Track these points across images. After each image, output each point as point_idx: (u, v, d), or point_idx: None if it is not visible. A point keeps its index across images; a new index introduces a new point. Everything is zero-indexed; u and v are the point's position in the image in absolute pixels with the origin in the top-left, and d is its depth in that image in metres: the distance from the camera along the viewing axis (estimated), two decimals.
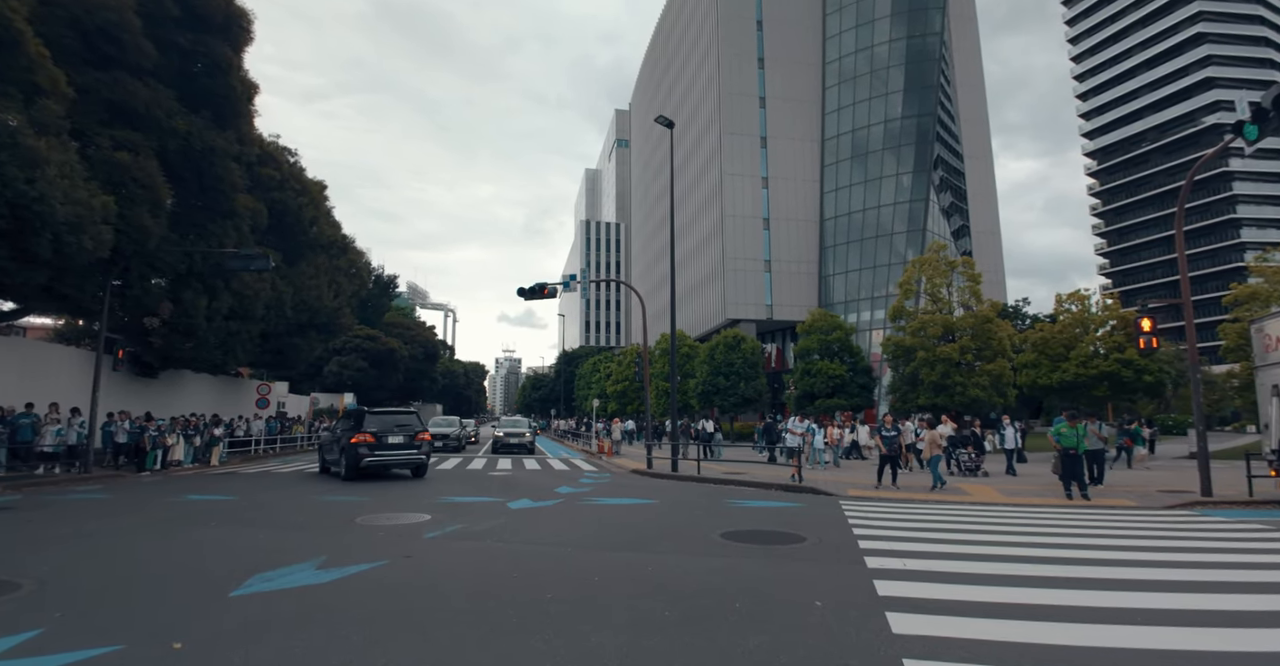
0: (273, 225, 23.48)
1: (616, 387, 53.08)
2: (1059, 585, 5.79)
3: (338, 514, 9.78)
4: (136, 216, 15.88)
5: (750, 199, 53.44)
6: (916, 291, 32.43)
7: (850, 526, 8.90)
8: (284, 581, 5.67)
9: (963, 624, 4.63)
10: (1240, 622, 4.81)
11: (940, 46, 51.71)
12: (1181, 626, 4.69)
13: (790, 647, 4.15)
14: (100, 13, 15.65)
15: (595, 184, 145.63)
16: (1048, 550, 7.39)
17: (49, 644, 4.10)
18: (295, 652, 3.97)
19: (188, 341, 20.58)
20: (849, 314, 48.66)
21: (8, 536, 7.88)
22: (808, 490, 13.37)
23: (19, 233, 12.71)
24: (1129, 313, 29.21)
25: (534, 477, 16.39)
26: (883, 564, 6.53)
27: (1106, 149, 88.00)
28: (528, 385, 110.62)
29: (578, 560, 6.75)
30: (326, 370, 51.62)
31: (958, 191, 53.91)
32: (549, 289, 19.90)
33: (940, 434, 15.55)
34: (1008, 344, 30.26)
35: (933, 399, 29.32)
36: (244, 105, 20.71)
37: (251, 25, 20.20)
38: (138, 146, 16.46)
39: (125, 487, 13.78)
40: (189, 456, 19.20)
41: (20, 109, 12.69)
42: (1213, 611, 5.07)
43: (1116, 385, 28.47)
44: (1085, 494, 12.31)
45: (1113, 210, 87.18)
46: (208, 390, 27.01)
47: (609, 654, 4.00)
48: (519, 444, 28.08)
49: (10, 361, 17.19)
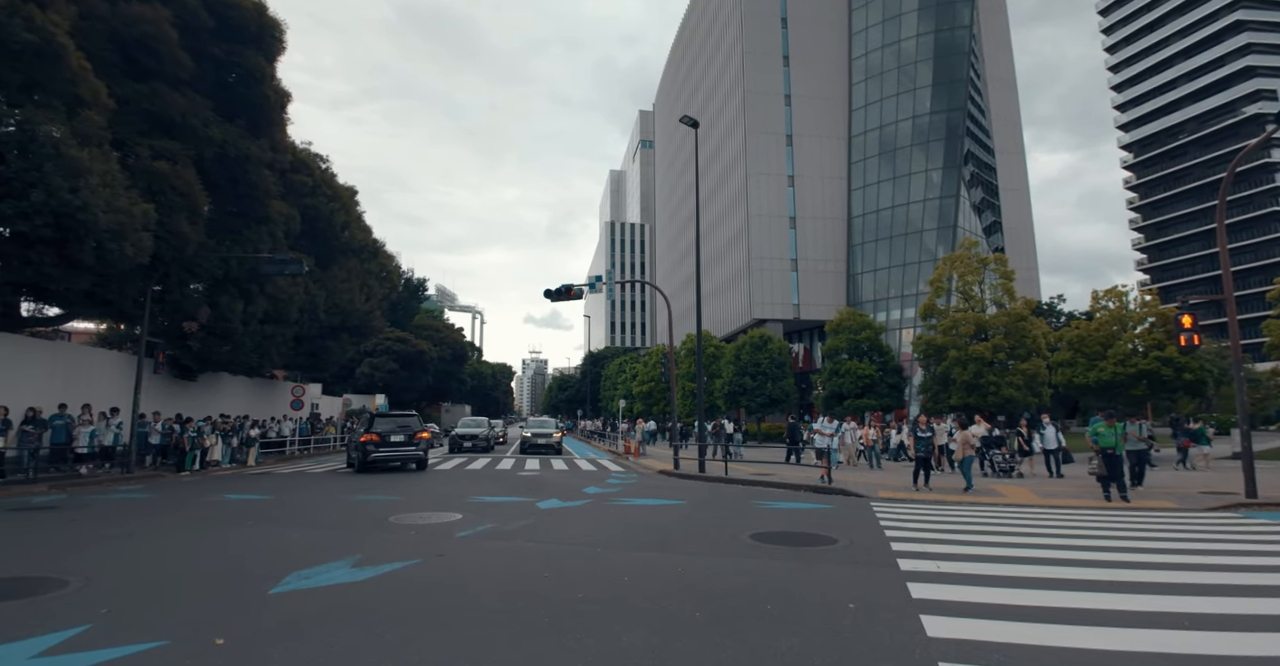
0: (305, 230, 23.95)
1: (642, 388, 53.08)
2: (1097, 588, 5.65)
3: (371, 513, 9.94)
4: (175, 223, 16.32)
5: (776, 198, 53.08)
6: (948, 289, 31.88)
7: (882, 528, 8.79)
8: (320, 579, 5.77)
9: (999, 627, 4.54)
10: None
11: (969, 40, 50.83)
12: (1223, 631, 4.55)
13: (823, 650, 4.11)
14: (138, 26, 16.12)
15: (619, 185, 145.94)
16: (1085, 553, 7.22)
17: (96, 639, 4.23)
18: (332, 649, 4.04)
19: (225, 344, 21.08)
20: (878, 313, 48.05)
21: (55, 535, 8.15)
22: (837, 491, 13.24)
23: (63, 240, 13.14)
24: (1168, 309, 28.35)
25: (562, 478, 16.48)
26: (916, 566, 6.44)
27: (1143, 141, 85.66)
28: (554, 386, 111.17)
29: (607, 560, 6.77)
30: (358, 372, 52.49)
31: (989, 187, 52.95)
32: (575, 290, 19.98)
33: (973, 434, 15.28)
34: (1042, 342, 29.59)
35: (965, 399, 28.80)
36: (277, 113, 21.17)
37: (283, 35, 20.63)
38: (176, 155, 16.92)
39: (166, 487, 14.16)
40: (226, 457, 19.66)
41: (63, 120, 13.12)
42: (1256, 616, 4.91)
43: (1156, 384, 27.64)
44: (1125, 495, 12.00)
45: (1150, 204, 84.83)
46: (244, 392, 27.63)
47: (640, 654, 4.00)
48: (546, 444, 28.24)
49: (56, 365, 17.76)
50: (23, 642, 4.12)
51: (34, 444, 14.57)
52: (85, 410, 16.43)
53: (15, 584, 5.58)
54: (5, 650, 4.00)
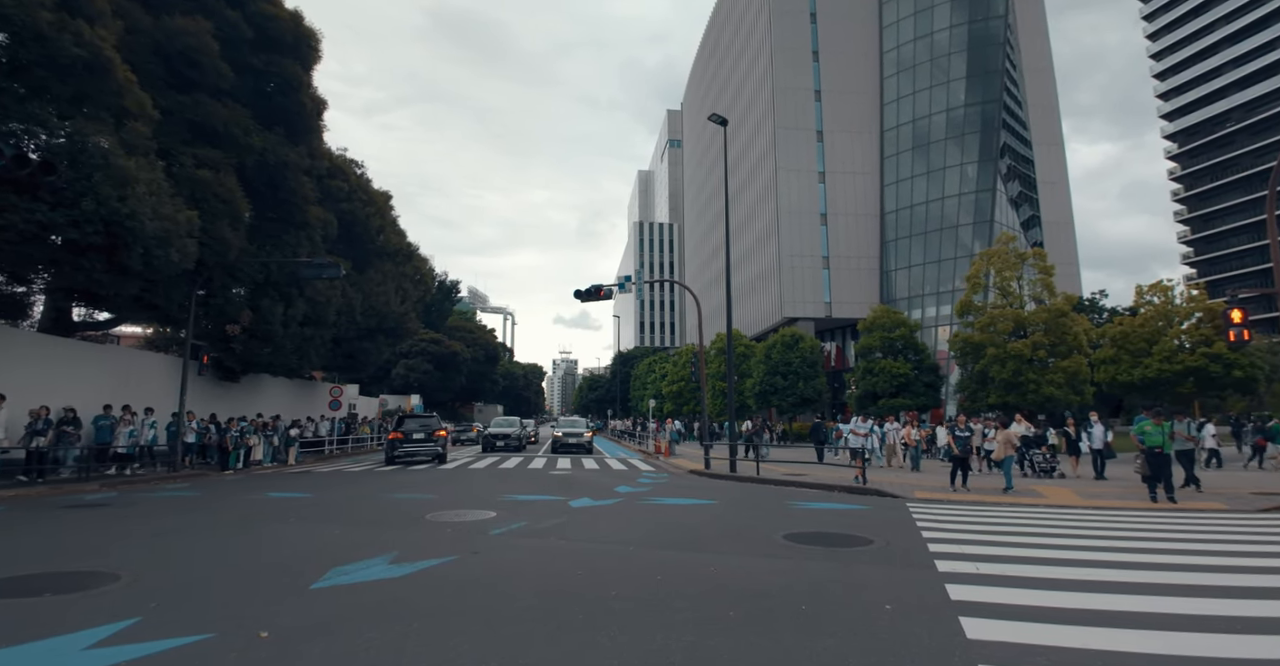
0: (342, 235, 24.46)
1: (672, 388, 53.05)
2: (1141, 591, 5.49)
3: (408, 510, 10.11)
4: (218, 230, 16.80)
5: (807, 194, 52.54)
6: (985, 285, 31.23)
7: (919, 529, 8.65)
8: (360, 575, 5.89)
9: (1040, 630, 4.44)
10: None
11: (1004, 30, 49.67)
12: (1269, 635, 4.38)
13: (859, 651, 4.06)
14: (181, 38, 16.63)
15: (648, 185, 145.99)
16: (1129, 555, 7.02)
17: (147, 631, 4.37)
18: (370, 643, 4.12)
19: (266, 346, 21.63)
20: (912, 310, 47.25)
21: (106, 531, 8.44)
22: (873, 492, 13.06)
23: (113, 247, 13.61)
24: (1216, 304, 27.40)
25: (593, 477, 16.55)
26: (954, 567, 6.32)
27: (1188, 131, 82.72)
28: (584, 386, 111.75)
29: (640, 559, 6.77)
30: (394, 373, 53.46)
31: (1026, 180, 51.67)
32: (604, 291, 20.05)
33: (1014, 434, 14.94)
34: (1084, 339, 28.82)
35: (1004, 397, 28.19)
36: (313, 121, 21.66)
37: (319, 44, 21.10)
38: (218, 163, 17.41)
39: (211, 485, 14.58)
40: (268, 456, 20.17)
41: (111, 131, 13.59)
42: None
43: (1203, 381, 26.71)
44: (1171, 496, 11.62)
45: (1196, 195, 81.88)
46: (284, 393, 28.30)
47: (673, 652, 4.00)
48: (577, 444, 28.41)
49: (107, 367, 18.43)
50: (77, 634, 4.28)
51: (73, 443, 14.92)
52: (126, 410, 16.77)
53: (69, 578, 5.80)
54: (60, 641, 4.16)
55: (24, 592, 5.31)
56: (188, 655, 3.94)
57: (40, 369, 15.97)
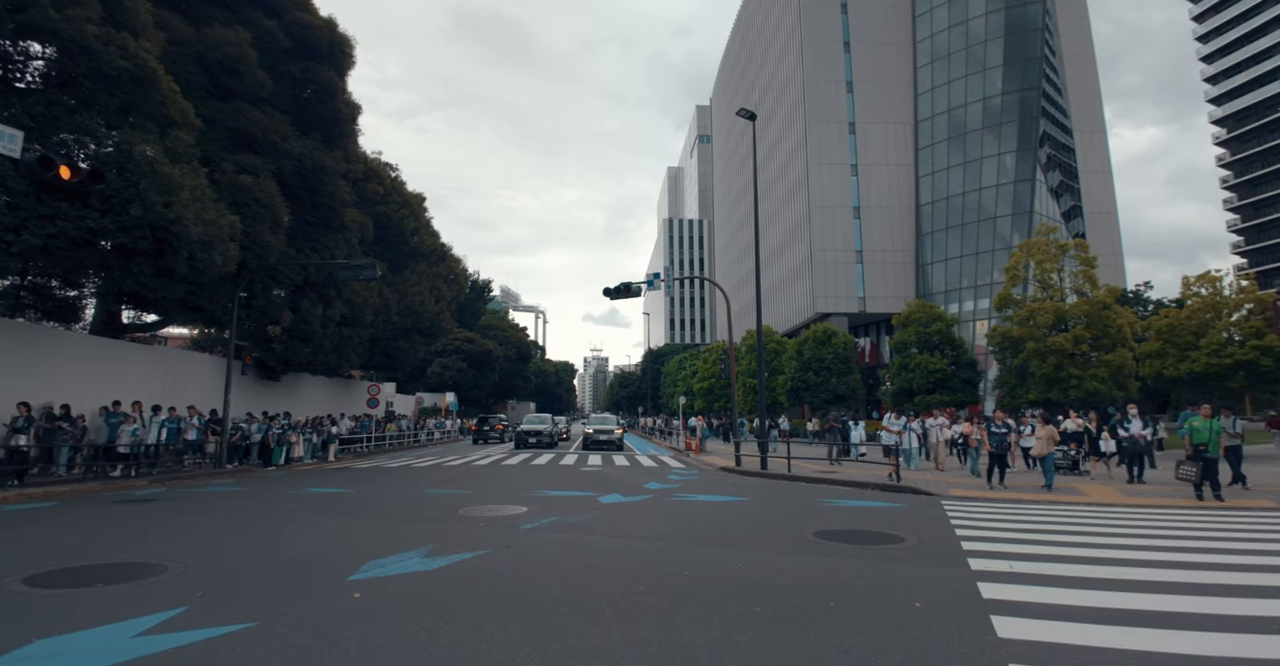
0: (378, 237, 24.96)
1: (703, 385, 52.89)
2: (1180, 591, 5.35)
3: (442, 505, 10.31)
4: (259, 233, 17.29)
5: (839, 187, 51.83)
6: (1024, 278, 30.46)
7: (953, 527, 8.53)
8: (395, 567, 6.05)
9: (1074, 629, 4.36)
10: None
11: (1043, 15, 48.30)
12: None
13: (888, 648, 4.05)
14: (221, 48, 17.14)
15: (677, 181, 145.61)
16: (1170, 554, 6.83)
17: (194, 620, 4.56)
18: (405, 632, 4.24)
19: (305, 346, 22.20)
20: (949, 304, 46.33)
21: (155, 525, 8.79)
22: (907, 490, 12.89)
23: (159, 252, 14.11)
24: (1267, 295, 26.31)
25: (623, 473, 16.64)
26: (987, 566, 6.24)
27: (1237, 115, 79.39)
28: (615, 383, 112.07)
29: (668, 554, 6.82)
30: (429, 371, 54.35)
31: (1067, 169, 50.20)
32: (634, 288, 20.11)
33: (1054, 431, 14.55)
34: (1128, 332, 27.92)
35: (1045, 393, 27.48)
36: (349, 126, 22.13)
37: (353, 50, 21.54)
38: (257, 169, 17.91)
39: (254, 481, 15.05)
40: (309, 452, 20.71)
41: (156, 140, 14.08)
42: None
43: (1254, 375, 25.63)
44: (1218, 494, 11.24)
45: (1246, 182, 78.57)
46: (324, 391, 29.01)
47: (700, 647, 4.04)
48: (608, 441, 28.59)
49: (155, 367, 19.12)
50: (127, 623, 4.49)
51: (66, 441, 14.38)
52: (135, 407, 16.01)
53: (120, 569, 6.07)
54: (111, 629, 4.37)
55: (77, 583, 5.57)
56: (232, 642, 4.11)
57: (93, 369, 16.66)
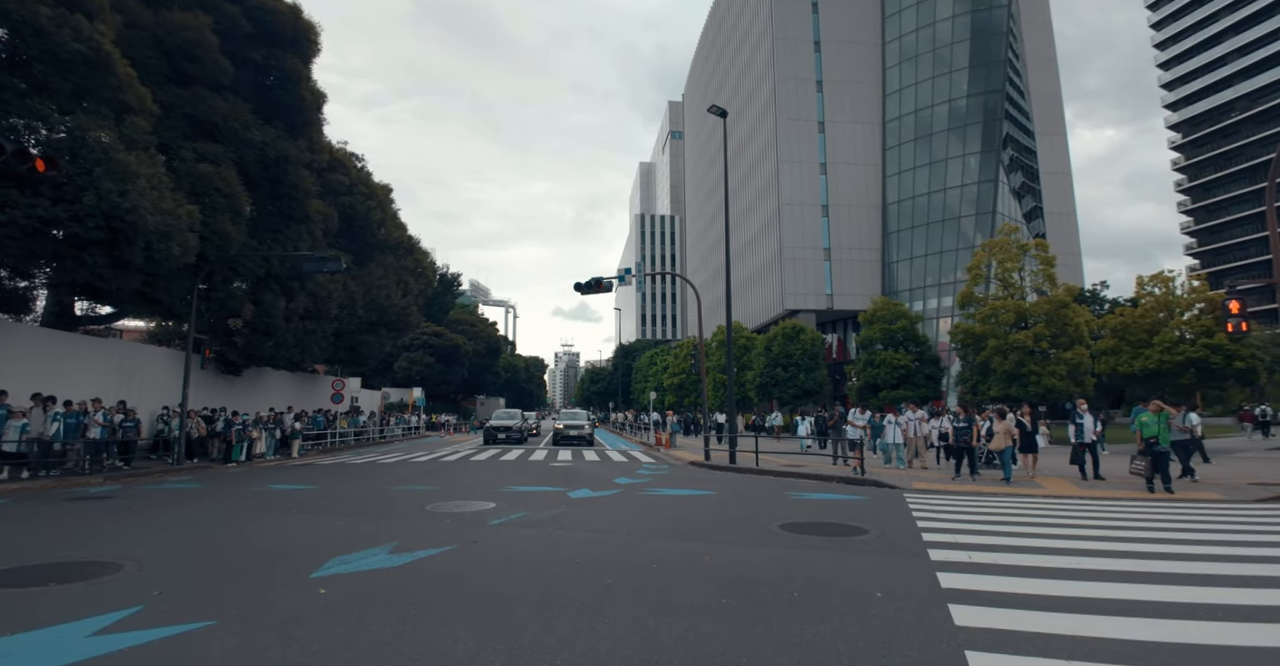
0: (343, 228, 24.49)
1: (673, 380, 53.07)
2: (1132, 579, 5.55)
3: (409, 502, 10.20)
4: (219, 224, 16.85)
5: (808, 186, 52.39)
6: (986, 277, 31.13)
7: (914, 519, 8.72)
8: (360, 564, 5.98)
9: (1029, 617, 4.51)
10: None
11: (1007, 19, 49.33)
12: (1260, 623, 4.44)
13: (849, 637, 4.14)
14: (181, 33, 16.63)
15: (649, 177, 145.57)
16: (1122, 544, 7.07)
17: (151, 619, 4.46)
18: (369, 629, 4.21)
19: (268, 340, 21.72)
20: (914, 302, 47.20)
21: (109, 523, 8.55)
22: (870, 483, 13.13)
23: (114, 241, 13.67)
24: (1218, 295, 27.28)
25: (593, 468, 16.64)
26: (946, 556, 6.40)
27: (1193, 120, 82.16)
28: (586, 379, 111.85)
29: (636, 548, 6.86)
30: (396, 366, 53.62)
31: (1029, 171, 51.45)
32: (605, 283, 20.09)
33: (1013, 425, 14.94)
34: (1085, 330, 28.73)
35: (1006, 389, 28.15)
36: (313, 114, 21.64)
37: (318, 38, 21.06)
38: (218, 157, 17.44)
39: (213, 478, 14.70)
40: (271, 449, 20.30)
41: (111, 126, 13.63)
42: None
43: (1204, 372, 26.65)
44: (1169, 487, 11.67)
45: (1200, 185, 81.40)
46: (287, 386, 28.42)
47: (666, 637, 4.08)
48: (578, 436, 28.58)
49: (110, 361, 18.53)
50: (80, 622, 4.37)
51: None
52: (35, 399, 14.22)
53: (72, 568, 5.89)
54: (64, 629, 4.25)
55: (29, 582, 5.41)
56: (190, 641, 4.03)
57: (44, 363, 16.08)
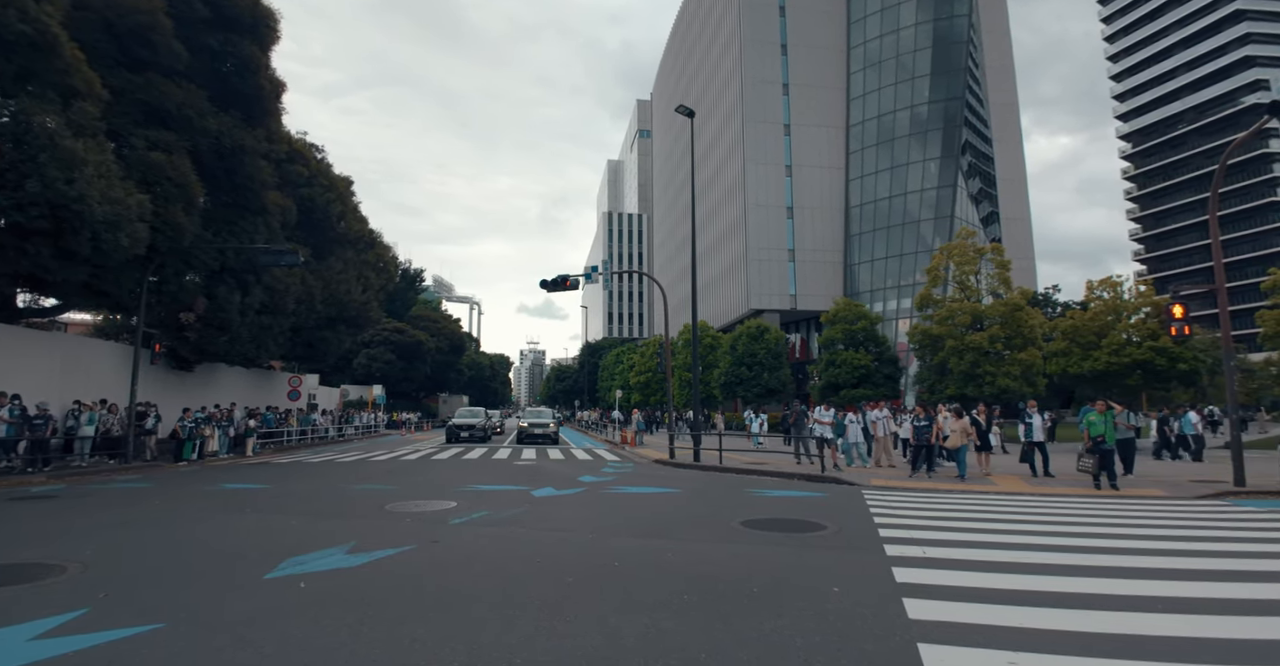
0: (302, 221, 23.90)
1: (640, 379, 53.20)
2: (1079, 573, 5.76)
3: (367, 501, 10.04)
4: (171, 214, 16.31)
5: (774, 188, 53.01)
6: (944, 279, 31.94)
7: (871, 515, 8.90)
8: (316, 564, 5.87)
9: (980, 610, 4.65)
10: (1263, 611, 4.76)
11: (968, 29, 50.62)
12: (1196, 614, 4.65)
13: (806, 631, 4.21)
14: (133, 16, 16.03)
15: (617, 175, 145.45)
16: (1070, 539, 7.34)
17: (95, 622, 4.32)
18: (326, 631, 4.14)
19: (222, 335, 21.09)
20: (875, 303, 48.16)
21: (54, 523, 8.24)
22: (830, 480, 13.36)
23: (59, 231, 13.15)
24: (1163, 299, 28.42)
25: (558, 467, 16.60)
26: (902, 551, 6.55)
27: (1142, 130, 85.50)
28: (552, 376, 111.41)
29: (599, 546, 6.87)
30: (356, 363, 52.59)
31: (986, 177, 52.89)
32: (571, 281, 20.02)
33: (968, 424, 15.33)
34: (1038, 332, 29.69)
35: (962, 389, 28.92)
36: (272, 103, 21.08)
37: (278, 24, 20.49)
38: (171, 146, 16.87)
39: (164, 477, 14.26)
40: (224, 447, 19.75)
41: (58, 111, 13.10)
42: (1230, 600, 5.02)
43: (1150, 373, 27.82)
44: (1114, 484, 12.13)
45: (1149, 194, 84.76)
46: (242, 383, 27.66)
47: (627, 635, 4.10)
48: (543, 434, 28.43)
49: (54, 356, 17.80)
50: (22, 625, 4.21)
51: None
52: None
53: (15, 569, 5.67)
54: (5, 632, 4.09)
55: None
56: (138, 644, 3.91)
57: None
